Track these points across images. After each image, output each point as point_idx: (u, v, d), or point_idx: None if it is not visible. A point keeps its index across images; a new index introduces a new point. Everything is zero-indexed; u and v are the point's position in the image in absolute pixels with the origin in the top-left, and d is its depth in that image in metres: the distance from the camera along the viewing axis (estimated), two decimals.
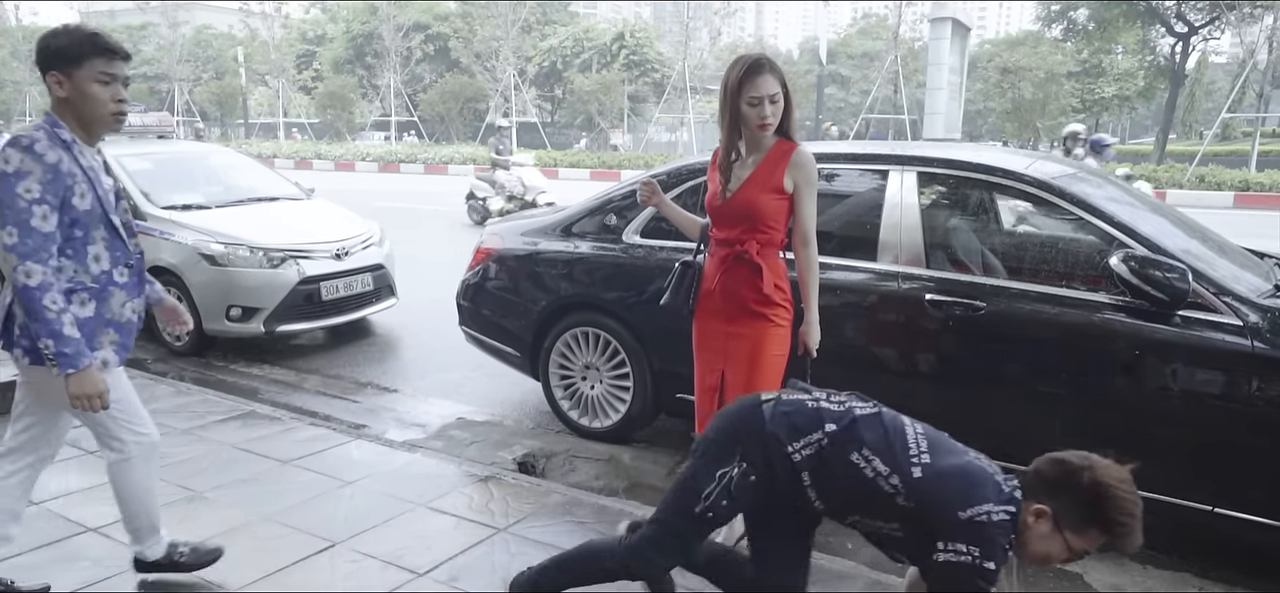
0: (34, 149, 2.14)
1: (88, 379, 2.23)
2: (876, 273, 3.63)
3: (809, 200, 2.74)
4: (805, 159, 2.71)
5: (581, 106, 33.39)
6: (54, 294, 2.15)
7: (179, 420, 4.30)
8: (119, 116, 2.29)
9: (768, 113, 2.67)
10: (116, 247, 2.36)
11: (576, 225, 4.55)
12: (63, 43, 2.22)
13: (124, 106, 2.32)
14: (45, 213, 2.14)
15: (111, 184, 2.41)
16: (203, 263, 5.75)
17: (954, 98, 20.53)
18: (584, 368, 4.50)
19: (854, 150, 4.01)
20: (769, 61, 2.71)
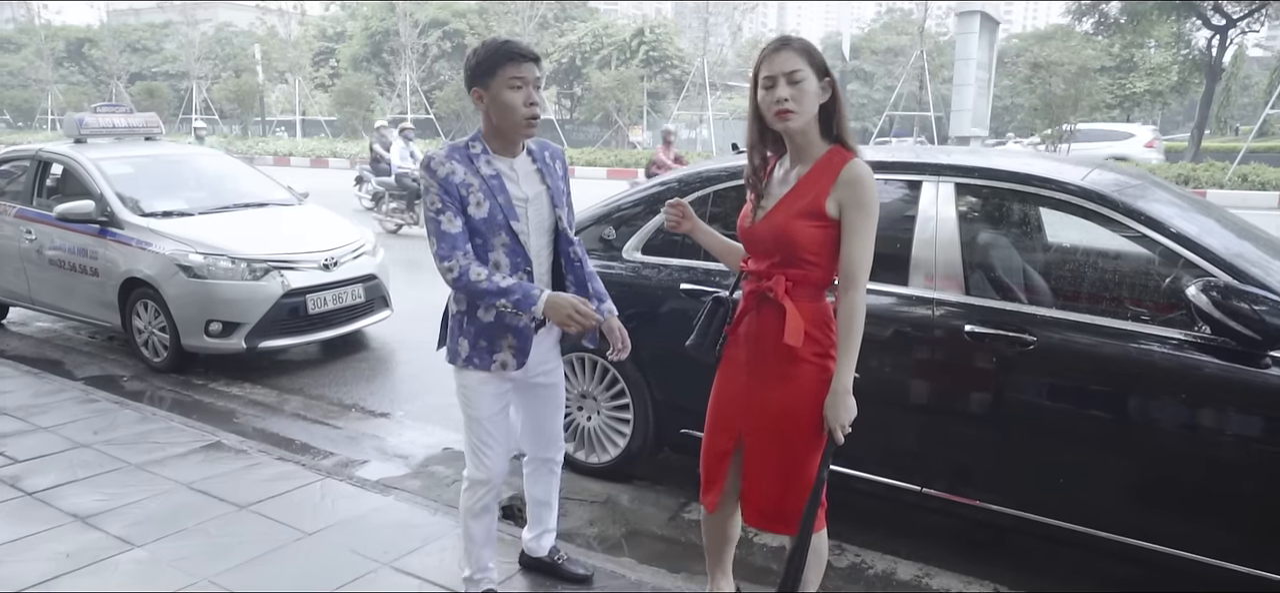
0: (430, 165, 2.28)
1: (553, 304, 2.26)
2: (905, 297, 3.17)
3: (860, 230, 2.10)
4: (857, 176, 2.09)
5: (599, 104, 32.92)
6: (474, 268, 2.27)
7: (136, 453, 3.93)
8: (532, 120, 2.31)
9: (784, 95, 2.08)
10: (517, 254, 2.35)
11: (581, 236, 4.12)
12: (480, 57, 2.27)
13: (537, 109, 2.31)
14: (449, 218, 2.26)
15: (536, 192, 2.41)
16: (180, 274, 5.38)
17: (982, 94, 19.88)
18: (580, 397, 4.09)
19: (881, 158, 3.54)
20: (796, 39, 2.17)
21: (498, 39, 2.31)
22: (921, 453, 3.20)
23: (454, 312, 2.45)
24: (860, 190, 2.08)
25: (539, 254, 2.44)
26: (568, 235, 2.50)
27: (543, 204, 2.43)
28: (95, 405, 4.57)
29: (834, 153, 2.15)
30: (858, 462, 3.30)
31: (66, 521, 3.27)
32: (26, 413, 4.42)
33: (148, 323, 5.64)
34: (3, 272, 6.51)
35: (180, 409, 4.93)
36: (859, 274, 2.12)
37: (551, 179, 2.47)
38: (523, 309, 2.28)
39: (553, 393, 2.67)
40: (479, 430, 2.48)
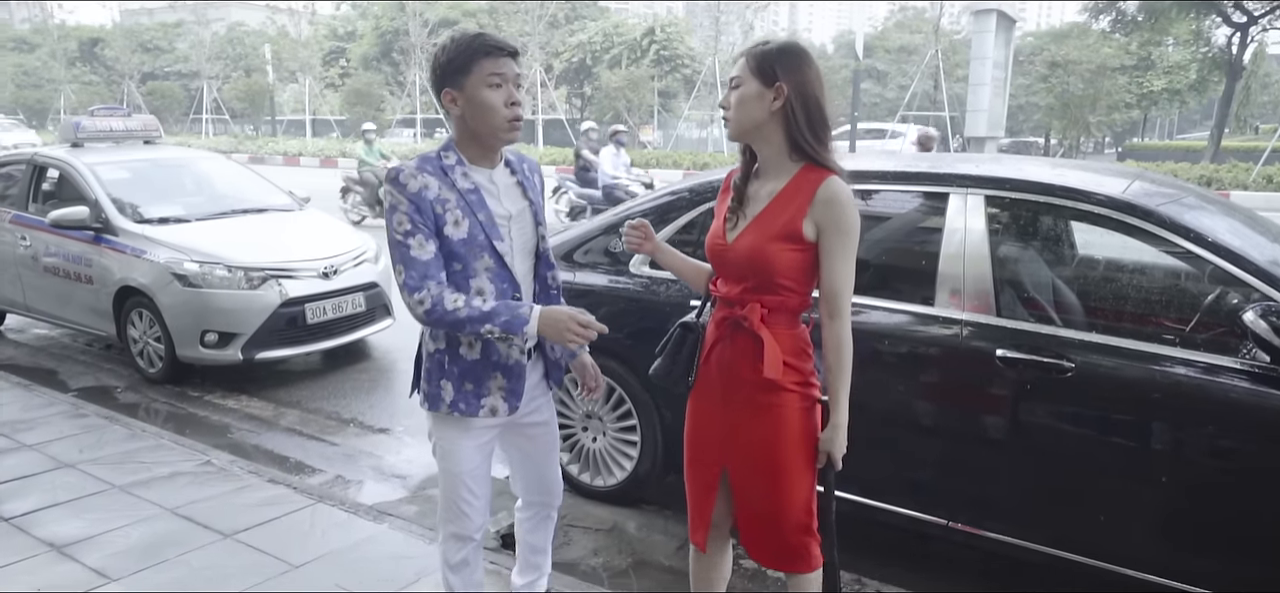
0: (398, 179, 1.97)
1: (548, 319, 1.97)
2: (930, 318, 2.96)
3: (840, 253, 1.94)
4: (834, 196, 1.92)
5: (610, 103, 32.72)
6: (449, 296, 1.97)
7: (121, 474, 3.76)
8: (515, 123, 2.03)
9: (723, 101, 2.07)
10: (503, 279, 2.06)
11: (579, 250, 3.93)
12: (450, 55, 1.98)
13: (519, 110, 2.04)
14: (420, 242, 1.96)
15: (519, 209, 2.14)
16: (175, 283, 5.22)
17: (998, 94, 19.57)
18: (585, 417, 3.89)
19: (906, 168, 3.33)
20: (753, 47, 2.03)
21: (469, 32, 2.01)
22: (948, 485, 2.99)
23: (431, 350, 2.11)
24: (838, 210, 1.92)
25: (525, 278, 2.17)
26: (548, 258, 2.25)
27: (526, 222, 2.17)
28: (84, 421, 4.41)
29: (807, 171, 1.98)
30: (880, 492, 3.10)
31: (41, 551, 3.10)
32: (13, 429, 4.26)
33: (143, 333, 5.49)
34: (3, 280, 6.37)
35: (173, 424, 4.78)
36: (842, 300, 1.97)
37: (533, 194, 2.21)
38: (513, 332, 1.97)
39: (545, 434, 2.38)
40: (459, 487, 2.18)
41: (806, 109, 1.95)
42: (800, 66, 1.95)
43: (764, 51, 1.97)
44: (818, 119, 1.97)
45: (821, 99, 1.97)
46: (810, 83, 1.95)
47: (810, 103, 1.96)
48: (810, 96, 1.96)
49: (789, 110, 1.95)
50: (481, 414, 2.10)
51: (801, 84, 1.95)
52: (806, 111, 1.95)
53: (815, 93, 1.96)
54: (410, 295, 1.96)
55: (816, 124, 1.97)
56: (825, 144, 1.98)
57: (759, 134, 2.02)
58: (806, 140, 1.96)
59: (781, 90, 1.94)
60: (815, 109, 1.96)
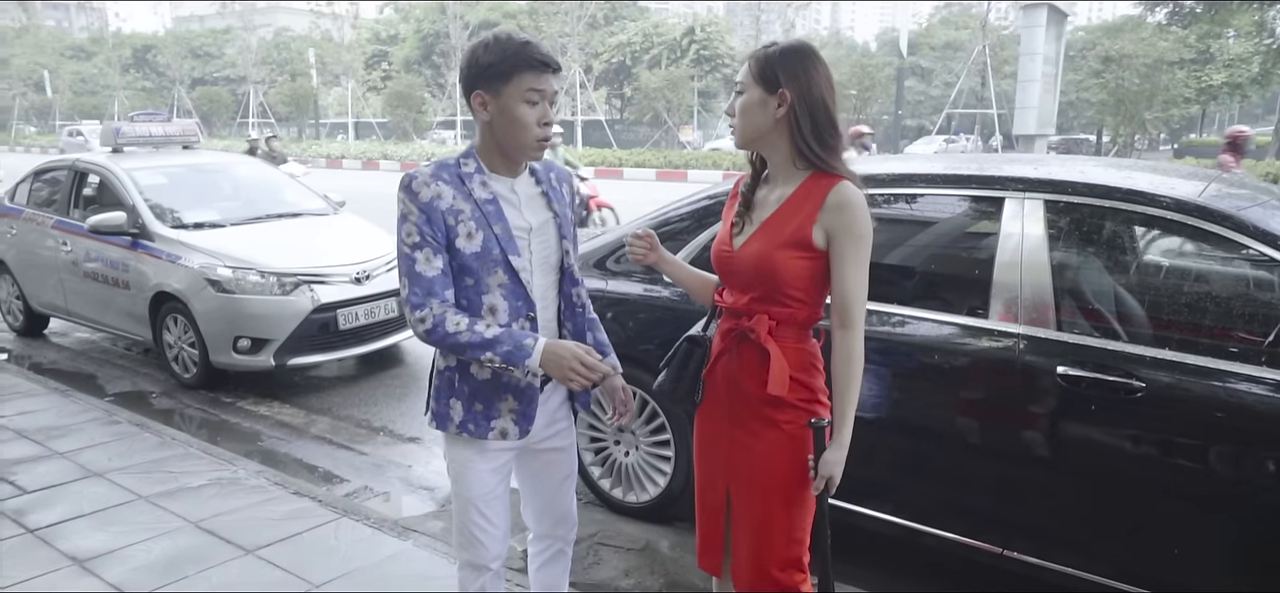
0: (411, 187, 1.85)
1: (552, 355, 1.83)
2: (982, 331, 2.76)
3: (852, 260, 1.82)
4: (846, 200, 1.80)
5: (649, 104, 32.60)
6: (452, 317, 1.85)
7: (148, 483, 3.72)
8: (544, 143, 1.89)
9: (728, 109, 1.97)
10: (518, 297, 1.92)
11: (612, 257, 3.79)
12: (492, 57, 1.82)
13: (551, 131, 1.92)
14: (428, 256, 1.85)
15: (541, 221, 1.99)
16: (208, 289, 5.20)
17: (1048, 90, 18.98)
18: (618, 430, 3.75)
19: (956, 171, 3.12)
20: (757, 51, 1.92)
21: (515, 37, 1.84)
22: (1002, 510, 2.78)
23: (441, 367, 1.99)
24: (849, 215, 1.80)
25: (544, 295, 2.02)
26: (573, 274, 2.09)
27: (549, 235, 2.01)
28: (116, 429, 4.39)
29: (818, 177, 1.86)
30: (927, 515, 2.91)
31: (63, 564, 3.05)
32: (47, 436, 4.26)
33: (177, 338, 5.49)
34: (43, 283, 6.45)
35: (206, 431, 4.76)
36: (855, 310, 1.84)
37: (559, 205, 2.05)
38: (514, 365, 1.83)
39: (563, 461, 2.21)
40: (473, 513, 2.05)
41: (812, 115, 1.84)
42: (805, 70, 1.83)
43: (766, 56, 1.87)
44: (824, 125, 1.85)
45: (829, 103, 1.85)
46: (816, 87, 1.83)
47: (816, 108, 1.84)
48: (816, 102, 1.84)
49: (793, 117, 1.84)
50: (491, 437, 1.97)
51: (806, 89, 1.83)
52: (812, 118, 1.84)
53: (821, 97, 1.84)
54: (412, 312, 1.85)
55: (823, 130, 1.84)
56: (833, 151, 1.85)
57: (764, 142, 1.92)
58: (811, 148, 1.84)
59: (785, 97, 1.83)
60: (821, 114, 1.84)
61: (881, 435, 2.95)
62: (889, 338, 2.90)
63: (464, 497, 2.05)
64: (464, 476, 2.03)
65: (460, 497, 2.06)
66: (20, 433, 4.29)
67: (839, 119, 1.89)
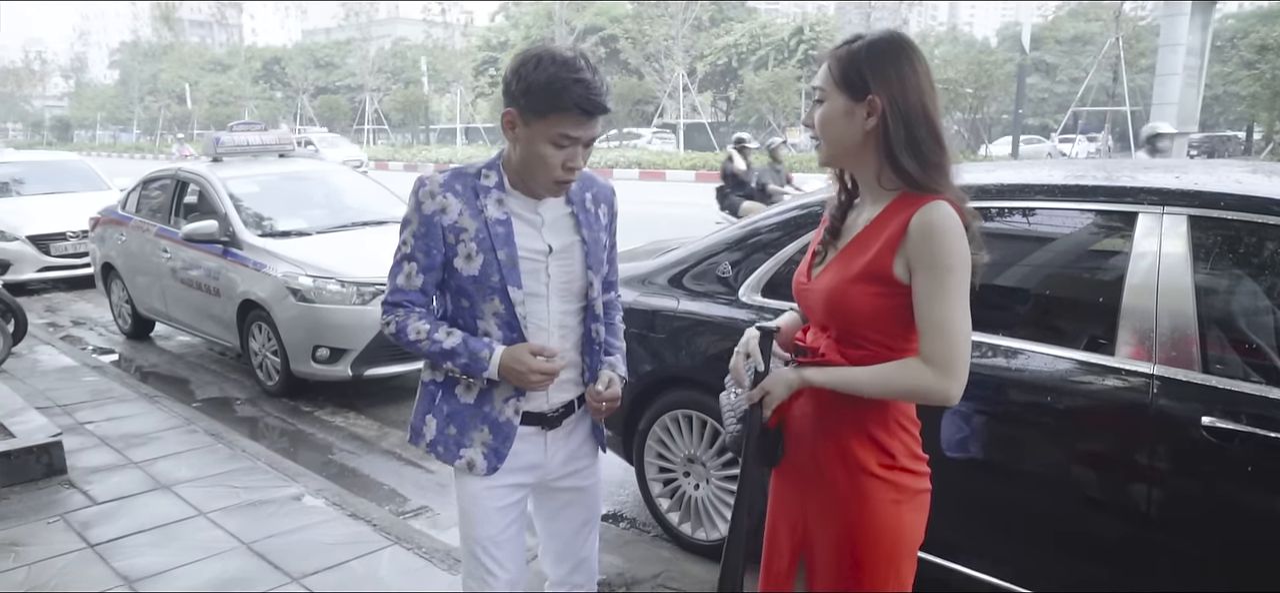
0: (419, 193, 1.75)
1: (510, 360, 1.74)
2: (1107, 370, 2.32)
3: (939, 297, 1.47)
4: (930, 225, 1.46)
5: (753, 106, 32.03)
6: (414, 323, 1.77)
7: (211, 498, 3.68)
8: (562, 186, 1.75)
9: (808, 121, 1.65)
10: (512, 328, 1.78)
11: (690, 272, 3.49)
12: (539, 80, 1.62)
13: (573, 176, 1.74)
14: (412, 271, 1.76)
15: (564, 244, 1.83)
16: (290, 297, 5.21)
17: (1191, 84, 17.35)
18: (687, 461, 3.46)
19: (1077, 181, 2.65)
20: (837, 49, 1.59)
21: (571, 70, 1.61)
22: (1128, 582, 2.32)
23: (426, 380, 1.88)
24: (936, 243, 1.46)
25: (562, 325, 1.84)
26: (594, 308, 1.88)
27: (573, 261, 1.83)
28: (193, 439, 4.42)
29: (906, 198, 1.53)
30: (1031, 579, 2.48)
31: (115, 584, 3.00)
32: (127, 444, 4.32)
33: (262, 346, 5.54)
34: (148, 289, 6.69)
35: (285, 439, 4.78)
36: (953, 354, 1.47)
37: (589, 229, 1.85)
38: (473, 374, 1.77)
39: (583, 502, 2.00)
40: (479, 554, 1.87)
41: (908, 125, 1.50)
42: (897, 69, 1.51)
43: (849, 55, 1.55)
44: (924, 137, 1.51)
45: (929, 108, 1.52)
46: (913, 90, 1.51)
47: (914, 116, 1.50)
48: (913, 108, 1.50)
49: (884, 129, 1.51)
50: (457, 464, 1.85)
51: (901, 93, 1.50)
52: (908, 128, 1.50)
53: (920, 102, 1.51)
54: (382, 311, 1.82)
55: (922, 143, 1.51)
56: (935, 169, 1.51)
57: (854, 158, 1.61)
58: (907, 166, 1.51)
59: (875, 105, 1.51)
60: (921, 123, 1.51)
61: (980, 483, 2.55)
62: (991, 372, 2.49)
63: (470, 536, 1.88)
64: (470, 513, 1.87)
65: (466, 536, 1.89)
66: (103, 440, 4.36)
67: (941, 126, 1.53)
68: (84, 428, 4.53)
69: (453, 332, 1.76)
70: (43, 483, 3.80)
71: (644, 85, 34.54)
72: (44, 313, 8.43)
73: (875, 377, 1.53)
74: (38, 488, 3.76)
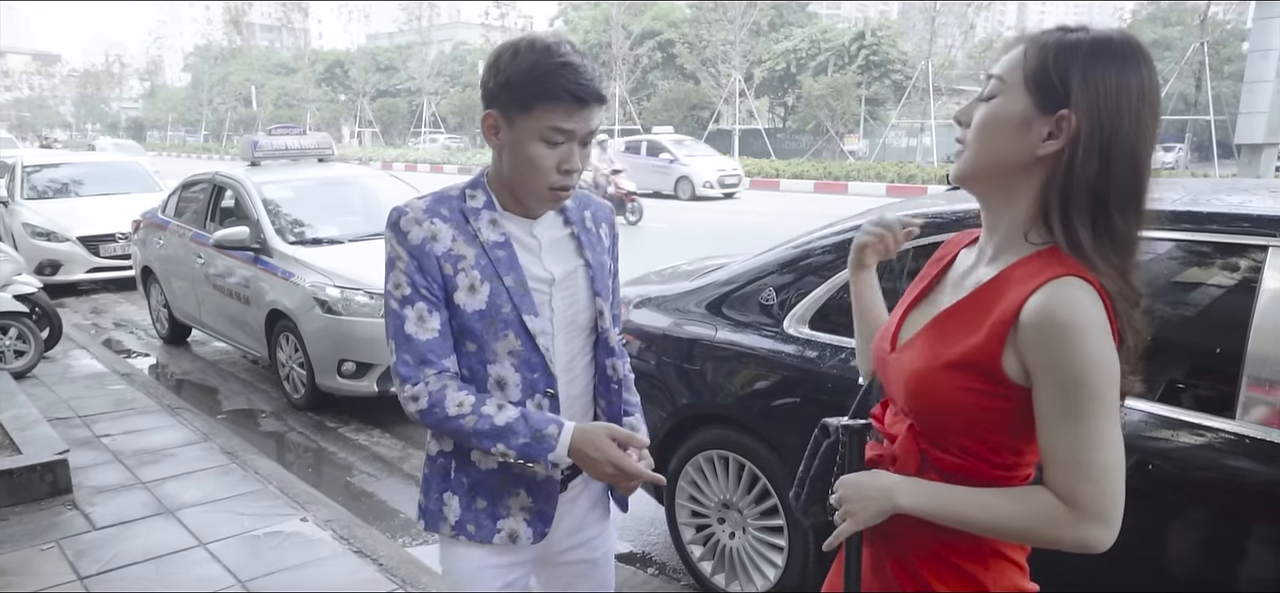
0: (399, 224, 1.44)
1: (583, 446, 1.43)
2: (1234, 443, 1.91)
3: (1067, 417, 1.06)
4: (1052, 317, 1.04)
5: (811, 113, 31.37)
6: (453, 394, 1.44)
7: (214, 527, 3.47)
8: (561, 193, 1.45)
9: (963, 119, 1.18)
10: (533, 369, 1.50)
11: (730, 299, 3.14)
12: (516, 72, 1.37)
13: (573, 179, 1.45)
14: (421, 314, 1.44)
15: (567, 270, 1.55)
16: (316, 309, 5.00)
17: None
18: (722, 507, 3.11)
19: (1189, 207, 2.22)
20: (1042, 36, 1.12)
21: (553, 52, 1.36)
22: None
23: (433, 452, 1.58)
24: (1059, 344, 1.04)
25: (570, 366, 1.56)
26: (608, 341, 1.60)
27: (578, 289, 1.56)
28: (209, 457, 4.23)
29: (1038, 260, 1.10)
30: None
31: None
32: (139, 462, 4.15)
33: (289, 357, 5.35)
34: (184, 295, 6.59)
35: (306, 457, 4.57)
36: (1102, 499, 1.06)
37: (593, 251, 1.58)
38: (534, 460, 1.44)
39: (594, 577, 1.70)
40: None
41: (1106, 167, 1.05)
42: (1121, 87, 1.05)
43: (1060, 46, 1.08)
44: (1121, 192, 1.06)
45: (1142, 159, 1.07)
46: (1129, 122, 1.05)
47: (1118, 159, 1.05)
48: (1122, 149, 1.05)
49: (1069, 162, 1.06)
50: (497, 540, 1.54)
51: (1113, 120, 1.05)
52: (1104, 172, 1.05)
53: (1133, 143, 1.06)
54: (402, 387, 1.44)
55: (1115, 199, 1.06)
56: (1119, 243, 1.08)
57: (1002, 186, 1.14)
58: (1078, 228, 1.06)
59: (1067, 123, 1.06)
60: (1125, 172, 1.06)
61: None
62: None
63: None
64: (465, 588, 1.57)
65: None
66: (116, 456, 4.20)
67: (1149, 188, 1.09)
68: (99, 441, 4.38)
69: (504, 405, 1.44)
70: (46, 503, 3.63)
71: (700, 91, 34.14)
72: (89, 314, 8.47)
73: (990, 512, 1.11)
74: (40, 509, 3.59)
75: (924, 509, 1.15)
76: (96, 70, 64.87)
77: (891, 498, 1.16)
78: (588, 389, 1.61)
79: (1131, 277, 1.08)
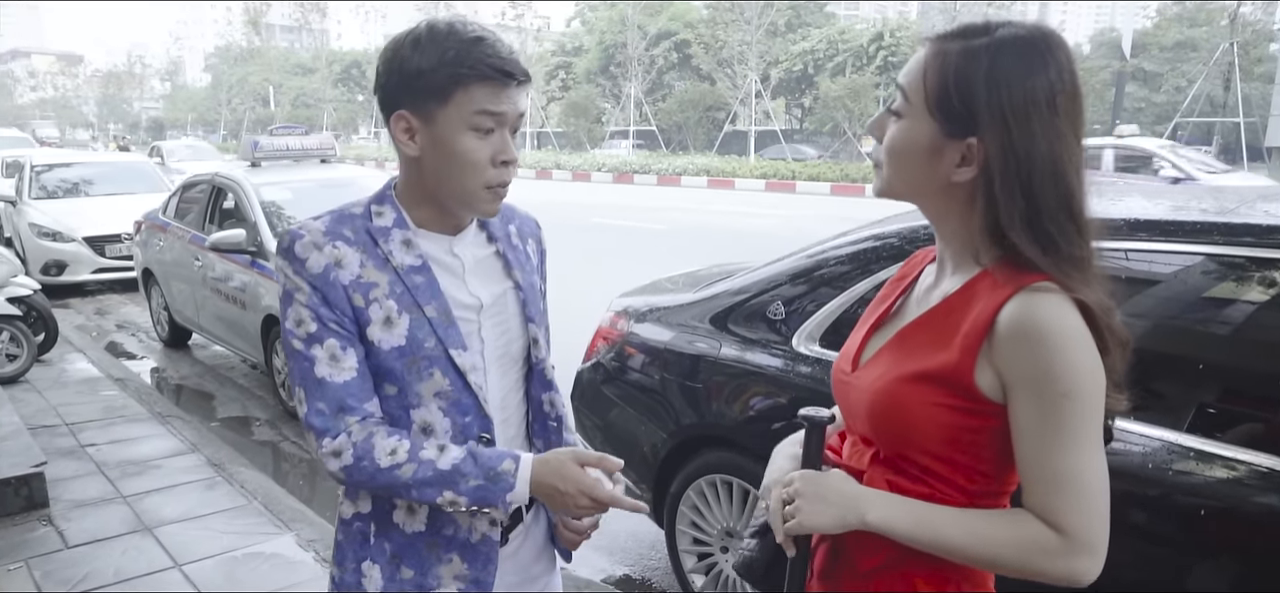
0: (292, 250, 1.21)
1: (548, 474, 1.22)
2: (1269, 476, 1.70)
3: (1049, 430, 0.96)
4: (1035, 328, 0.96)
5: (828, 114, 31.03)
6: (383, 441, 1.21)
7: (191, 546, 3.32)
8: (499, 190, 1.24)
9: (870, 141, 1.16)
10: (464, 410, 1.28)
11: (735, 312, 2.94)
12: (424, 61, 1.16)
13: (510, 173, 1.24)
14: (333, 353, 1.21)
15: (495, 295, 1.34)
16: None
17: None
18: (725, 534, 2.91)
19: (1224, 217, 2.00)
20: (933, 43, 1.05)
21: (460, 31, 1.18)
22: None
23: (347, 515, 1.33)
24: (1041, 352, 0.96)
25: (504, 404, 1.36)
26: (545, 373, 1.41)
27: (509, 314, 1.36)
28: (194, 469, 4.07)
29: (1001, 273, 1.01)
30: None
31: None
32: (122, 474, 4.00)
33: (283, 364, 5.19)
34: (184, 298, 6.45)
35: (301, 467, 4.42)
36: (1086, 524, 0.96)
37: (522, 271, 1.38)
38: (490, 504, 1.21)
39: None
40: None
41: (1029, 193, 0.97)
42: (1029, 101, 0.96)
43: (960, 60, 0.99)
44: (1054, 209, 0.98)
45: (1065, 169, 0.98)
46: (1043, 138, 0.97)
47: (1038, 180, 0.97)
48: (1039, 168, 0.97)
49: (987, 190, 0.99)
50: None
51: (1024, 142, 0.96)
52: (1028, 198, 0.97)
53: (1051, 158, 0.97)
54: (319, 441, 1.21)
55: (1049, 218, 0.98)
56: (1071, 258, 0.98)
57: (929, 206, 1.09)
58: (1025, 246, 0.98)
59: (974, 152, 0.99)
60: (1048, 190, 0.97)
61: None
62: None
63: None
64: None
65: None
66: (100, 467, 4.05)
67: (1084, 193, 1.00)
68: (84, 451, 4.24)
69: (445, 445, 1.23)
70: (20, 518, 3.49)
71: (715, 92, 33.89)
72: (93, 315, 8.39)
73: (975, 536, 1.00)
74: (13, 524, 3.44)
75: (899, 529, 1.03)
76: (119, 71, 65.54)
77: (859, 511, 1.04)
78: (521, 429, 1.42)
79: (1098, 285, 0.99)
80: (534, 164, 31.26)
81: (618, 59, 35.86)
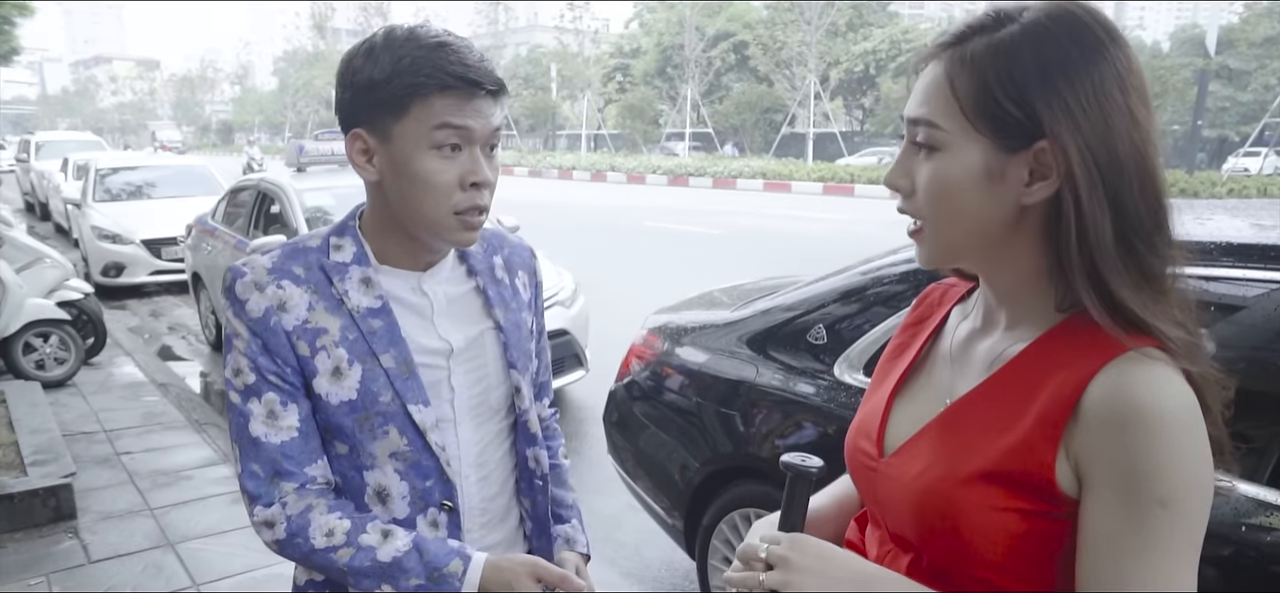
0: (234, 290, 1.08)
1: (495, 579, 1.07)
2: None
3: (1136, 538, 0.73)
4: (1137, 412, 0.73)
5: (889, 114, 30.34)
6: (320, 518, 1.07)
7: (216, 564, 3.25)
8: (474, 216, 1.08)
9: (894, 183, 0.90)
10: (424, 474, 1.13)
11: (775, 335, 2.72)
12: (377, 72, 1.02)
13: (485, 198, 1.08)
14: (270, 410, 1.07)
15: (470, 337, 1.18)
16: None
17: None
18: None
19: None
20: (956, 39, 0.83)
21: (420, 36, 1.02)
22: None
23: (301, 582, 1.19)
24: (1141, 443, 0.73)
25: (482, 461, 1.19)
26: (529, 426, 1.22)
27: (487, 359, 1.19)
28: (224, 482, 4.01)
29: (1079, 327, 0.80)
30: None
31: None
32: (152, 485, 3.96)
33: None
34: None
35: None
36: None
37: (505, 309, 1.21)
38: (442, 586, 1.06)
39: None
40: None
41: (1117, 198, 0.77)
42: (1092, 85, 0.76)
43: (992, 59, 0.79)
44: (1144, 217, 0.78)
45: (1150, 160, 0.78)
46: (1121, 126, 0.76)
47: (1123, 182, 0.77)
48: (1124, 163, 0.77)
49: (1075, 206, 0.77)
50: None
51: (1101, 134, 0.76)
52: (1117, 206, 0.77)
53: (1137, 151, 0.77)
54: (251, 507, 1.09)
55: (1141, 231, 0.77)
56: (1160, 286, 0.79)
57: (993, 253, 0.85)
58: (1118, 287, 0.76)
59: (1047, 155, 0.78)
60: (1134, 190, 0.77)
61: None
62: None
63: None
64: None
65: None
66: (132, 477, 4.02)
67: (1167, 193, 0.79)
68: (119, 459, 4.22)
69: (391, 530, 1.08)
70: (47, 530, 3.46)
71: (773, 93, 33.43)
72: (148, 317, 8.53)
73: None
74: (40, 535, 3.42)
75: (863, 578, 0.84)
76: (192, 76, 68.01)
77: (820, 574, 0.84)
78: (507, 488, 1.24)
79: (1197, 334, 0.79)
80: (589, 166, 31.27)
81: (675, 61, 35.66)
